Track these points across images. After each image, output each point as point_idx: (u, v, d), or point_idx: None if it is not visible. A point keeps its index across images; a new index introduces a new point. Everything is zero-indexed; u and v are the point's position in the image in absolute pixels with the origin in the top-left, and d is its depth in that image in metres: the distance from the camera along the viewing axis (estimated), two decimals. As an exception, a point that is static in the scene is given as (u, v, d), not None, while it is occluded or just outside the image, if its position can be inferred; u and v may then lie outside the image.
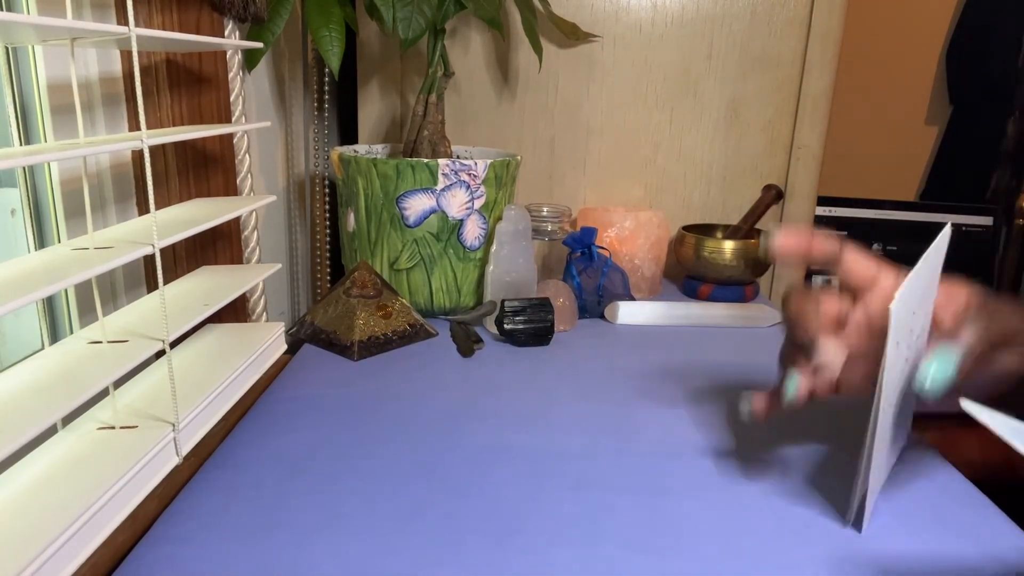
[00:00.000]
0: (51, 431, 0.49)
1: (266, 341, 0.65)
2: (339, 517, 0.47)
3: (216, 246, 0.72)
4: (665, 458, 0.56)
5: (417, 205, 0.82)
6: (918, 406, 0.56)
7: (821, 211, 1.31)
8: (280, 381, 0.69)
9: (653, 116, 1.09)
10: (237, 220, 0.74)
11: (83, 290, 0.60)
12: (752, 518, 0.49)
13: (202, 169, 0.69)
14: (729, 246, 0.97)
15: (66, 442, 0.47)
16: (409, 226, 0.83)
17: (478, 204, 0.85)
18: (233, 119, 0.71)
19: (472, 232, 0.85)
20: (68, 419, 0.50)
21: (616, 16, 1.05)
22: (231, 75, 0.70)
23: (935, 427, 1.12)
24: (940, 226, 1.43)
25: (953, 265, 1.45)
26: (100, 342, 0.48)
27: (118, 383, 0.56)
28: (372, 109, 1.09)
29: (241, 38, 0.75)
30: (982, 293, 0.47)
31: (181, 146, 0.67)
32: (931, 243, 0.46)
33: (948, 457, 0.58)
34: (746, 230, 1.04)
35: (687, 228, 1.06)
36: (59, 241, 0.58)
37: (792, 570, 0.43)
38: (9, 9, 0.53)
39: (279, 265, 0.72)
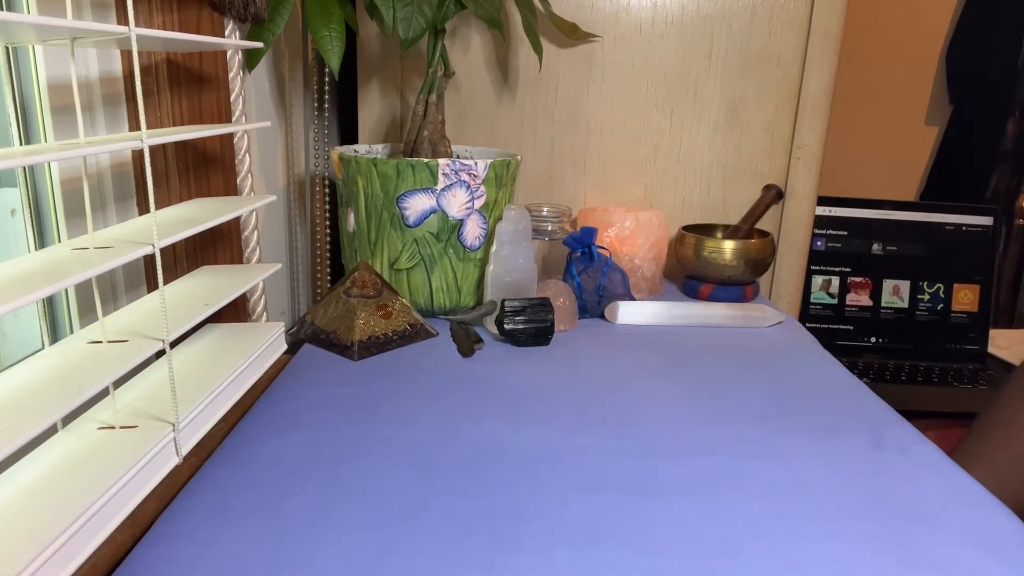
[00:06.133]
0: (51, 431, 0.49)
1: (266, 341, 0.65)
2: (339, 517, 0.47)
3: (216, 246, 0.72)
4: (665, 458, 0.56)
5: (417, 205, 0.82)
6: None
7: (821, 211, 1.31)
8: (280, 381, 0.69)
9: (653, 116, 1.09)
10: (237, 220, 0.74)
11: (83, 290, 0.60)
12: (752, 518, 0.49)
13: (202, 169, 0.69)
14: (729, 246, 0.97)
15: (66, 442, 0.47)
16: (409, 226, 0.83)
17: (478, 204, 0.85)
18: (233, 119, 0.71)
19: (472, 232, 0.85)
20: (68, 419, 0.50)
21: (616, 16, 1.05)
22: (231, 75, 0.70)
23: (937, 426, 1.12)
24: (940, 226, 1.44)
25: (953, 265, 1.45)
26: (100, 342, 0.48)
27: (118, 383, 0.56)
28: (372, 109, 1.09)
29: (241, 38, 0.75)
30: None
31: (181, 146, 0.67)
32: (931, 244, 0.45)
33: (951, 455, 0.58)
34: (746, 230, 1.04)
35: (687, 228, 1.06)
36: (59, 241, 0.58)
37: (792, 570, 0.43)
38: (9, 9, 0.53)
39: (279, 265, 0.72)
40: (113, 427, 0.49)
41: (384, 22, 0.76)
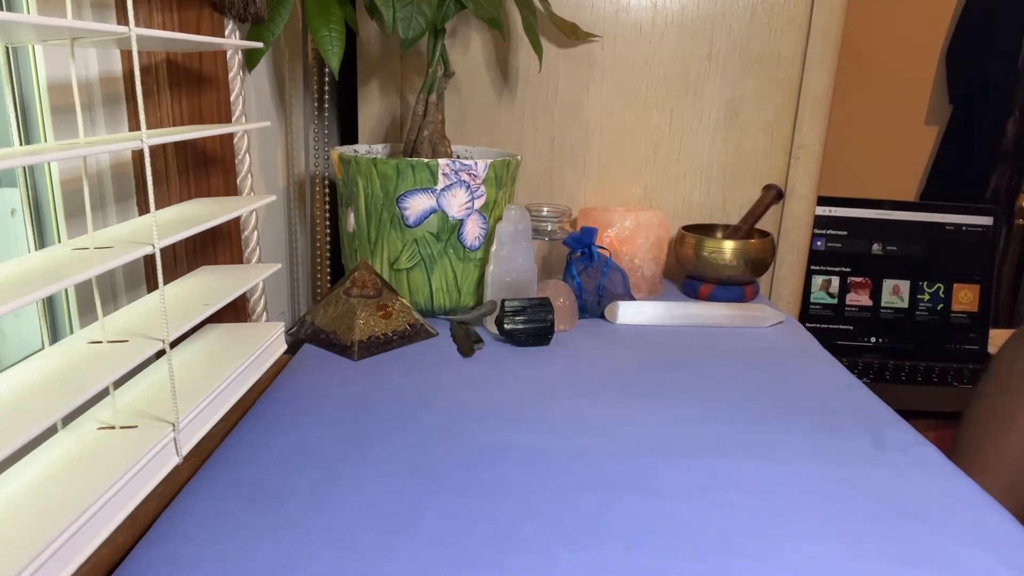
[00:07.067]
0: (51, 431, 0.49)
1: (266, 341, 0.65)
2: (339, 517, 0.47)
3: (216, 246, 0.72)
4: (665, 458, 0.56)
5: (417, 205, 0.82)
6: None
7: (821, 211, 1.31)
8: (280, 381, 0.69)
9: (653, 116, 1.09)
10: (237, 220, 0.74)
11: (83, 290, 0.60)
12: (752, 518, 0.49)
13: (202, 169, 0.69)
14: (729, 246, 0.97)
15: (66, 442, 0.47)
16: (409, 226, 0.83)
17: (478, 204, 0.85)
18: (233, 119, 0.71)
19: (472, 232, 0.85)
20: (68, 419, 0.50)
21: (616, 16, 1.05)
22: (231, 75, 0.70)
23: (937, 426, 1.12)
24: (940, 226, 1.44)
25: (953, 265, 1.45)
26: (100, 342, 0.48)
27: (118, 383, 0.56)
28: (372, 109, 1.09)
29: (241, 38, 0.75)
30: None
31: (181, 146, 0.67)
32: (931, 244, 0.45)
33: (950, 456, 0.58)
34: (746, 230, 1.04)
35: (687, 228, 1.06)
36: (59, 241, 0.58)
37: (792, 570, 0.43)
38: (9, 9, 0.53)
39: (279, 265, 0.72)
40: (113, 427, 0.49)
41: (384, 22, 0.76)
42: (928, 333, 1.32)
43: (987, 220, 1.31)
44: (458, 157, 0.94)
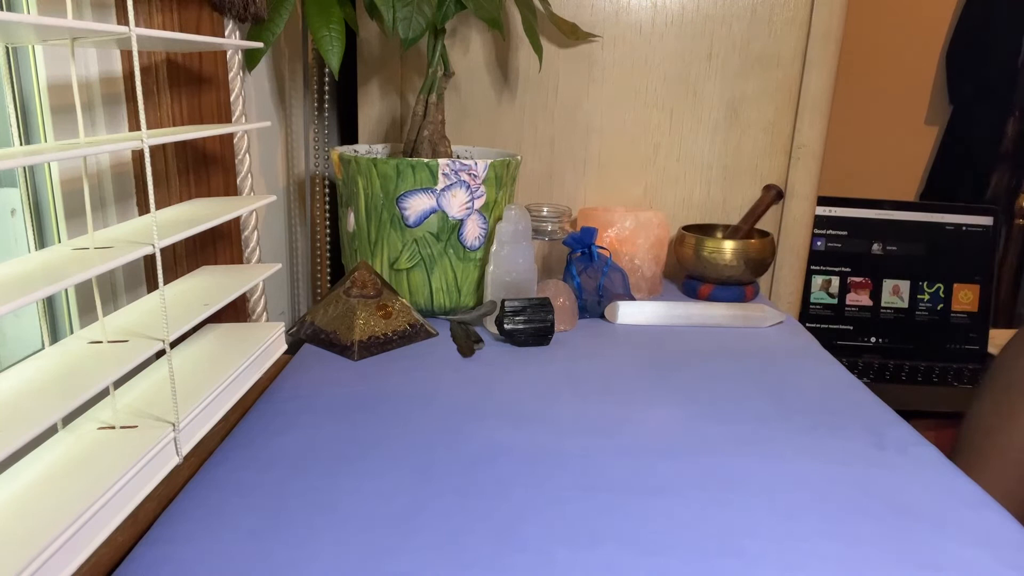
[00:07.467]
0: (51, 431, 0.49)
1: (266, 341, 0.65)
2: (339, 517, 0.47)
3: (216, 246, 0.72)
4: (665, 458, 0.56)
5: (417, 205, 0.82)
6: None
7: (821, 211, 1.31)
8: (280, 381, 0.69)
9: (653, 116, 1.09)
10: (237, 220, 0.74)
11: (83, 290, 0.60)
12: (751, 518, 0.49)
13: (202, 169, 0.69)
14: (729, 246, 0.97)
15: (66, 442, 0.47)
16: (409, 226, 0.83)
17: (478, 204, 0.85)
18: (233, 119, 0.71)
19: (472, 232, 0.85)
20: (68, 419, 0.50)
21: (616, 16, 1.05)
22: (231, 75, 0.70)
23: (937, 426, 1.12)
24: (940, 226, 1.44)
25: (953, 265, 1.45)
26: (100, 342, 0.48)
27: (118, 383, 0.56)
28: (372, 109, 1.09)
29: (241, 38, 0.75)
30: None
31: (181, 146, 0.67)
32: (931, 244, 0.45)
33: (950, 456, 0.58)
34: (746, 230, 1.04)
35: (687, 228, 1.06)
36: (59, 241, 0.58)
37: (792, 570, 0.43)
38: (9, 9, 0.53)
39: (279, 265, 0.72)
40: (113, 427, 0.49)
41: (384, 22, 0.76)
42: (928, 333, 1.32)
43: (987, 220, 1.31)
44: (458, 157, 0.94)
